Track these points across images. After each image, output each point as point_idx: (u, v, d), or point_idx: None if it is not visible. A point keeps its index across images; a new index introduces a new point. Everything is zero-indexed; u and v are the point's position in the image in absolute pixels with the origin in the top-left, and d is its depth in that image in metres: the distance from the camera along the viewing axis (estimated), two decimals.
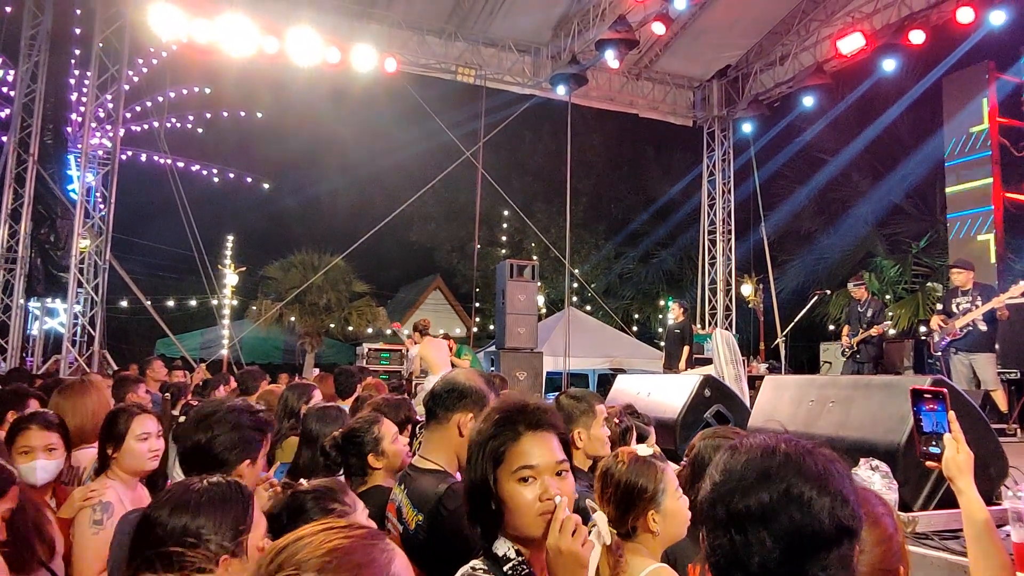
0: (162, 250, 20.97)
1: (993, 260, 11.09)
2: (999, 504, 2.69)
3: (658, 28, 10.78)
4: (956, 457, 1.81)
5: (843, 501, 1.06)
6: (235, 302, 19.24)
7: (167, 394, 5.26)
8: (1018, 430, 7.87)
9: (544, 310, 20.53)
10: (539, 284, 14.02)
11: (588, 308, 21.53)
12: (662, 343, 11.75)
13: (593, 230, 25.74)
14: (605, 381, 15.78)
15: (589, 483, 2.35)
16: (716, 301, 14.20)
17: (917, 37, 10.62)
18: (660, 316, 22.59)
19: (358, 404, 4.14)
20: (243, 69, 12.47)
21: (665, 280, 24.41)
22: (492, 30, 12.30)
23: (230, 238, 19.74)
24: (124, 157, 12.98)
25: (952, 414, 1.86)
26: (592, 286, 21.60)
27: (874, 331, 8.77)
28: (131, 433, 2.57)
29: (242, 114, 17.91)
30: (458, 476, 2.17)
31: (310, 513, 1.77)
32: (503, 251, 24.46)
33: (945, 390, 1.90)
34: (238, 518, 1.55)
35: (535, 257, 20.41)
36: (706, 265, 14.45)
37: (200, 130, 16.46)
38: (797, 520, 1.04)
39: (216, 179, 17.22)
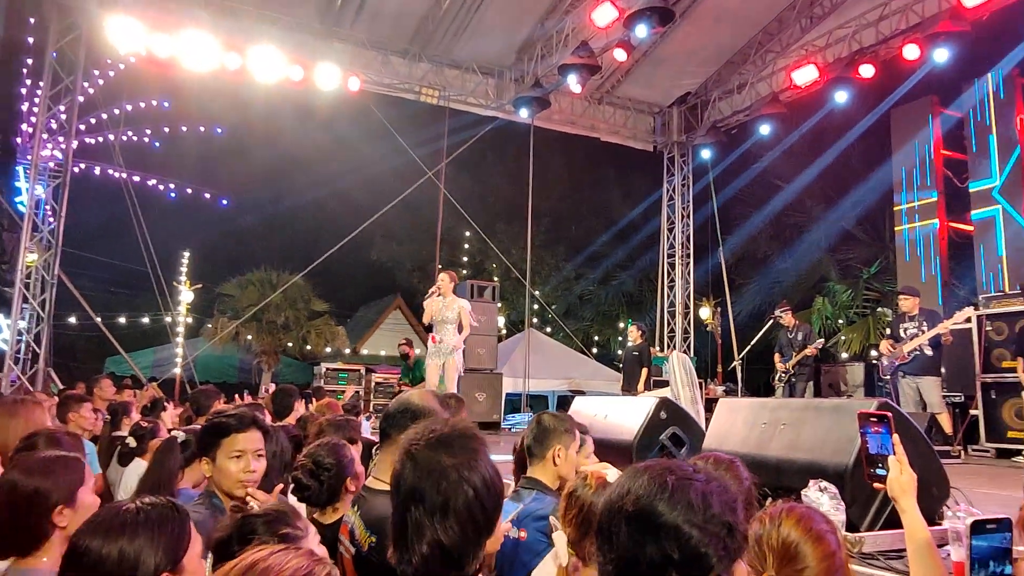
0: (115, 266, 20.46)
1: (938, 287, 11.47)
2: (941, 524, 2.77)
3: (620, 55, 10.98)
4: (900, 478, 1.87)
5: (726, 526, 1.17)
6: (190, 320, 18.84)
7: (107, 414, 5.09)
8: (961, 452, 8.10)
9: (504, 331, 20.53)
10: (499, 305, 14.03)
11: (548, 329, 21.61)
12: (621, 365, 11.83)
13: (554, 252, 25.92)
14: (564, 402, 15.80)
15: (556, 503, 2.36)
16: (675, 324, 14.38)
17: (867, 71, 11.02)
18: (620, 338, 22.79)
19: (302, 424, 4.07)
20: (204, 84, 12.32)
21: (625, 302, 24.66)
22: (456, 52, 12.40)
23: (186, 254, 19.37)
24: (77, 170, 12.67)
25: (896, 437, 1.92)
26: (552, 307, 21.70)
27: (809, 351, 9.02)
28: None
29: (202, 129, 17.66)
30: None
31: (261, 537, 1.73)
32: (464, 271, 24.46)
33: (890, 414, 1.95)
34: (176, 539, 1.49)
35: (496, 278, 20.47)
36: (665, 288, 14.64)
37: (157, 144, 16.16)
38: (665, 549, 1.15)
39: (173, 194, 16.89)
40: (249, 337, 19.59)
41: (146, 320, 19.49)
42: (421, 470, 1.53)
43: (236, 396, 7.07)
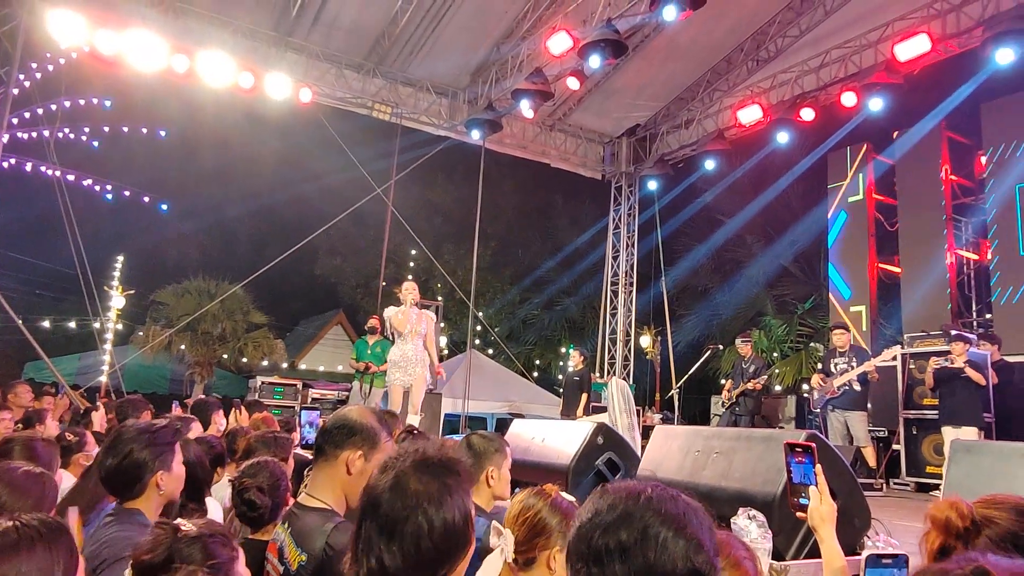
0: (42, 267, 19.62)
1: (865, 327, 11.93)
2: (860, 554, 2.84)
3: (572, 83, 11.16)
4: (820, 508, 1.93)
5: (698, 546, 1.12)
6: (120, 327, 18.13)
7: (18, 422, 4.84)
8: (884, 485, 8.38)
9: (446, 351, 20.40)
10: (443, 325, 13.95)
11: (490, 351, 21.57)
12: (561, 389, 11.87)
13: (500, 274, 25.97)
14: (503, 425, 15.74)
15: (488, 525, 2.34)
16: (615, 351, 14.54)
17: (807, 114, 11.47)
18: (561, 363, 22.90)
19: (231, 439, 3.94)
20: (149, 85, 12.00)
21: (568, 327, 24.82)
22: (411, 70, 12.41)
23: (120, 259, 18.69)
24: (7, 165, 12.14)
25: (818, 467, 1.97)
26: (496, 330, 21.69)
27: (751, 384, 9.22)
28: None
29: (144, 131, 17.14)
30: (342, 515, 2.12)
31: (190, 558, 1.63)
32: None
33: (813, 445, 2.01)
34: (62, 560, 1.39)
35: (440, 298, 20.38)
36: (607, 315, 14.81)
37: (96, 144, 15.61)
38: (651, 560, 1.09)
39: (110, 196, 16.30)
40: (183, 347, 18.95)
41: (72, 325, 18.69)
42: (389, 485, 1.48)
43: (172, 406, 6.80)
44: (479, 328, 21.26)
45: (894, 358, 8.82)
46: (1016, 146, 10.56)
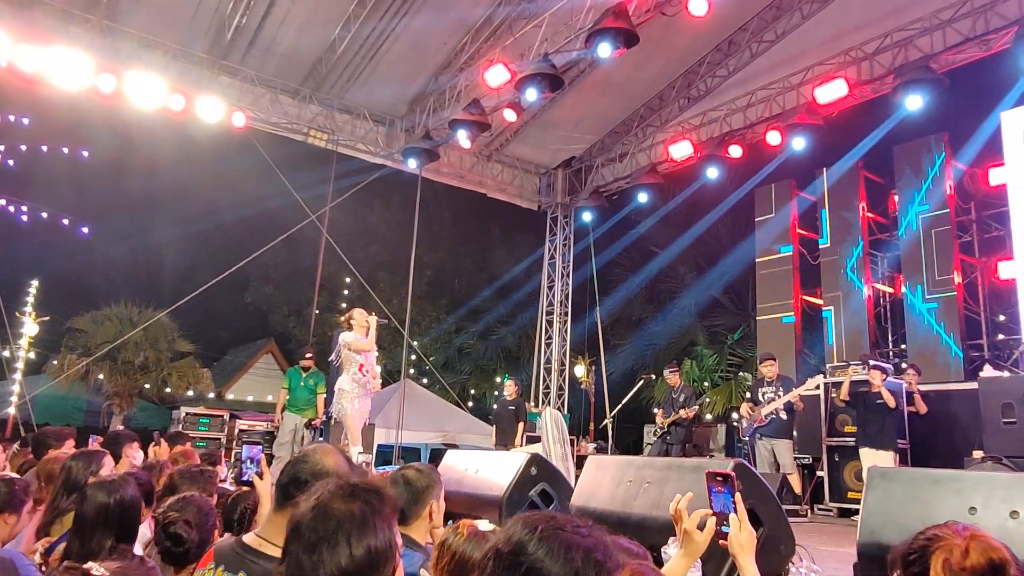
0: None
1: (792, 355, 12.33)
2: None
3: (509, 115, 11.32)
4: (739, 535, 1.97)
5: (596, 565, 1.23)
6: (32, 355, 17.19)
7: None
8: (808, 511, 8.62)
9: (380, 381, 20.09)
10: (377, 354, 13.72)
11: (425, 381, 21.36)
12: (493, 418, 11.81)
13: (435, 303, 25.83)
14: (437, 455, 15.55)
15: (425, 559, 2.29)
16: (550, 380, 14.60)
17: (735, 151, 11.94)
18: (496, 392, 22.82)
19: (153, 473, 3.76)
20: (72, 104, 11.56)
21: (503, 357, 24.79)
22: (348, 97, 12.36)
23: (34, 283, 17.77)
24: None
25: (738, 496, 2.01)
26: (431, 359, 21.50)
27: (683, 413, 9.39)
28: None
29: (65, 151, 16.49)
30: None
31: None
32: (342, 318, 23.86)
33: (733, 473, 2.05)
34: None
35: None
36: (543, 344, 14.88)
37: (11, 162, 14.93)
38: None
39: (25, 217, 15.58)
40: (100, 377, 18.06)
41: None
42: (311, 509, 1.48)
43: (89, 441, 6.44)
44: (414, 357, 21.04)
45: (817, 387, 9.14)
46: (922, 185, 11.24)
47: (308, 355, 10.08)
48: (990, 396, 7.19)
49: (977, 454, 6.88)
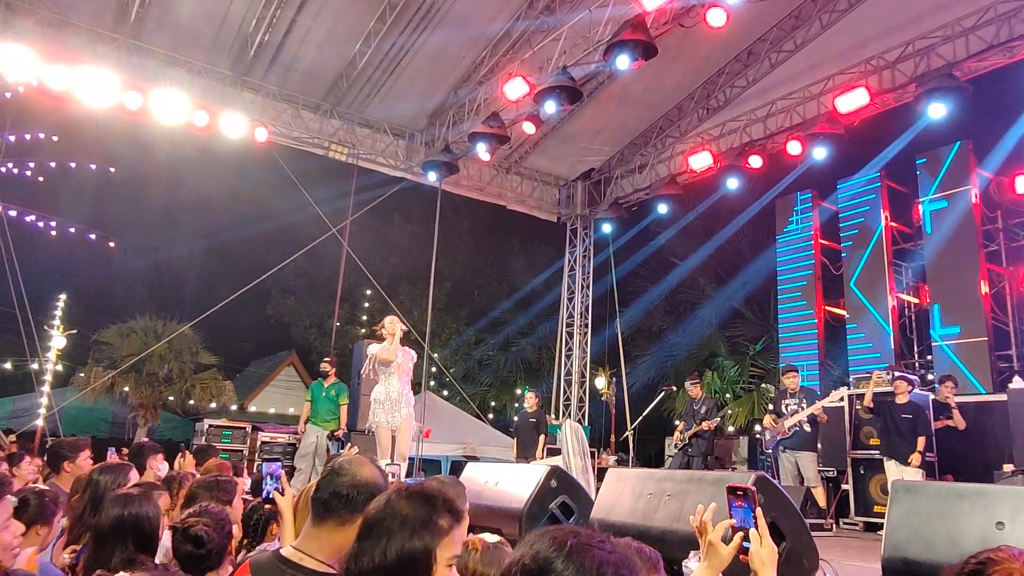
0: None
1: (815, 367, 12.19)
2: None
3: (528, 128, 11.36)
4: (760, 551, 1.94)
5: None
6: (60, 368, 17.45)
7: None
8: (833, 525, 8.48)
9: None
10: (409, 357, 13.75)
11: (445, 393, 21.37)
12: (514, 431, 11.78)
13: (455, 315, 25.89)
14: (457, 467, 15.55)
15: None
16: (571, 392, 14.54)
17: (756, 161, 11.86)
18: (516, 404, 22.77)
19: (173, 485, 3.78)
20: (100, 121, 11.81)
21: (523, 369, 24.76)
22: (368, 112, 12.49)
23: (62, 297, 18.07)
24: None
25: (759, 510, 1.99)
26: (451, 371, 21.52)
27: (704, 425, 9.29)
28: None
29: (92, 167, 16.80)
30: None
31: None
32: (363, 330, 24.00)
33: (753, 488, 2.03)
34: None
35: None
36: (563, 356, 14.84)
37: (41, 179, 15.24)
38: None
39: (54, 232, 15.88)
40: (126, 389, 18.29)
41: (8, 366, 17.93)
42: (381, 502, 1.64)
43: (107, 454, 6.52)
44: (434, 369, 21.08)
45: (841, 399, 9.01)
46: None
47: (325, 360, 10.09)
48: (1020, 407, 7.04)
49: (1008, 467, 6.74)
